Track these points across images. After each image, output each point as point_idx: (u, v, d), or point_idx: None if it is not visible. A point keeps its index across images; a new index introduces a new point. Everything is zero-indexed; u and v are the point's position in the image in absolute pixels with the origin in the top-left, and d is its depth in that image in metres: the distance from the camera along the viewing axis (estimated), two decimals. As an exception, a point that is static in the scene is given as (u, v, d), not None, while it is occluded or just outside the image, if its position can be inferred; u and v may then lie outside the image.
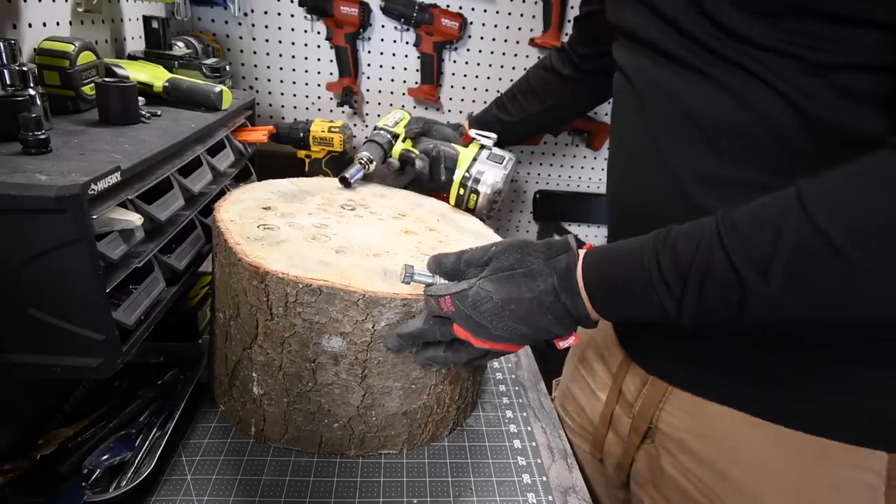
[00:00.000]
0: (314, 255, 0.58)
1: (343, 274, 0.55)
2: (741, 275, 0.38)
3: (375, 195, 0.82)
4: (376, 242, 0.64)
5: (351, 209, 0.74)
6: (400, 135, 0.89)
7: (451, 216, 0.80)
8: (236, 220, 0.63)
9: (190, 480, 0.57)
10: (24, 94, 0.52)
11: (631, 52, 0.54)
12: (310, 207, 0.72)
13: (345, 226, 0.68)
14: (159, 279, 0.59)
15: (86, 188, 0.44)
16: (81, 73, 0.64)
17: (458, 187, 0.83)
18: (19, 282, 0.46)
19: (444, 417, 0.65)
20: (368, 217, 0.73)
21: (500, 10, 1.31)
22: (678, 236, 0.42)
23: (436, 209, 0.81)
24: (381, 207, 0.77)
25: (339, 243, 0.62)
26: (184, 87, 0.76)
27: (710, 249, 0.39)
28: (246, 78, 1.30)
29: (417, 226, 0.73)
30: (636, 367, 0.62)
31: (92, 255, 0.46)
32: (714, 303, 0.40)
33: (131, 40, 0.93)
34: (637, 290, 0.43)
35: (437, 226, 0.74)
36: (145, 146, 0.56)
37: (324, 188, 0.81)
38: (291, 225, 0.65)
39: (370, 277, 0.55)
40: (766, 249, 0.37)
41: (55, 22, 0.72)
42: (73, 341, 0.49)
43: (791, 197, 0.37)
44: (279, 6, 1.25)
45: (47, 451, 0.57)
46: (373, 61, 1.33)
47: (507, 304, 0.46)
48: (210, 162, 0.74)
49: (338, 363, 0.57)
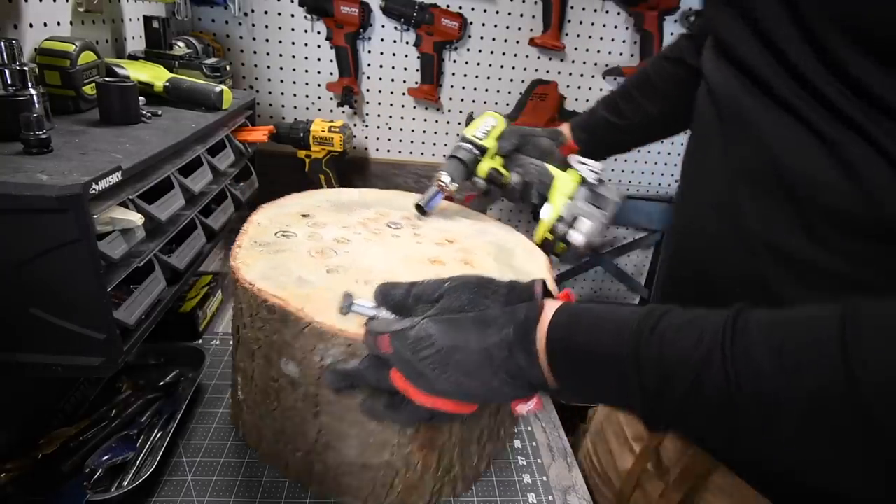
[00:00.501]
0: (301, 270, 0.54)
1: (308, 296, 0.49)
2: (739, 409, 0.29)
3: (438, 215, 0.72)
4: (383, 268, 0.56)
5: (396, 228, 0.66)
6: (489, 150, 0.70)
7: (515, 253, 0.64)
8: (263, 223, 0.62)
9: (191, 481, 0.57)
10: (25, 93, 0.52)
11: (723, 69, 0.44)
12: (351, 220, 0.66)
13: (366, 244, 0.61)
14: (160, 279, 0.59)
15: (87, 188, 0.44)
16: (82, 72, 0.64)
17: (545, 230, 0.66)
18: (20, 281, 0.46)
19: (417, 485, 0.55)
20: (406, 239, 0.64)
21: (500, 10, 1.31)
22: (671, 325, 0.33)
23: (500, 241, 0.67)
24: (433, 230, 0.67)
25: (338, 262, 0.56)
26: (184, 87, 0.76)
27: (706, 359, 0.30)
28: (246, 78, 1.30)
29: (456, 256, 0.61)
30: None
31: (93, 254, 0.46)
32: (697, 425, 0.32)
33: (132, 40, 0.93)
34: (608, 373, 0.35)
35: (482, 261, 0.61)
36: (146, 146, 0.56)
37: (385, 202, 0.73)
38: (311, 236, 0.61)
39: (333, 305, 0.47)
40: (780, 391, 0.28)
41: (56, 22, 0.72)
42: (74, 340, 0.49)
43: (833, 324, 0.27)
44: (279, 6, 1.25)
45: (49, 450, 0.57)
46: (373, 61, 1.33)
47: (452, 352, 0.38)
48: (210, 162, 0.74)
49: (295, 390, 0.52)
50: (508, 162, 0.72)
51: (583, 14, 1.34)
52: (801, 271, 0.38)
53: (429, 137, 1.43)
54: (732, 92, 0.42)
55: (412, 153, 1.44)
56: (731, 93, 0.43)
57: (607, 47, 1.38)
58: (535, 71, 1.38)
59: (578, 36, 1.36)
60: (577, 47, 1.38)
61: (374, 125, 1.40)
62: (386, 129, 1.40)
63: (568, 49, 1.37)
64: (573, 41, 1.37)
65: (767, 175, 0.39)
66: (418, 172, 1.45)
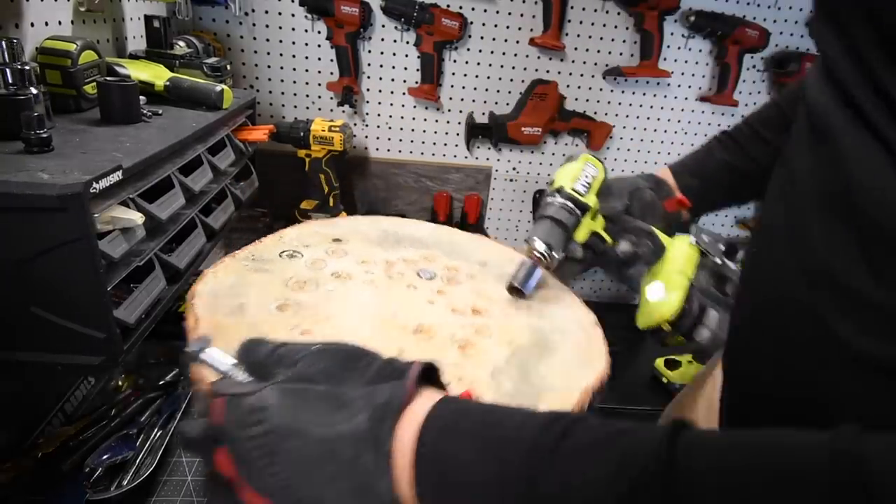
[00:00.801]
0: (255, 298, 0.48)
1: (224, 328, 0.44)
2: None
3: (495, 272, 0.59)
4: (347, 323, 0.47)
5: (427, 278, 0.56)
6: (591, 209, 0.56)
7: (555, 352, 0.49)
8: (288, 237, 0.58)
9: (190, 482, 0.57)
10: (26, 92, 0.52)
11: (822, 86, 0.40)
12: (378, 257, 0.58)
13: (361, 288, 0.53)
14: (160, 278, 0.59)
15: (87, 187, 0.44)
16: (83, 72, 0.64)
17: (662, 321, 0.52)
18: (21, 280, 0.46)
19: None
20: (419, 295, 0.53)
21: (500, 10, 1.31)
22: (580, 445, 0.25)
23: (547, 330, 0.51)
24: (468, 292, 0.55)
25: (304, 300, 0.49)
26: (185, 87, 0.76)
27: (631, 500, 0.22)
28: (246, 77, 1.30)
29: (459, 333, 0.49)
30: None
31: (93, 253, 0.46)
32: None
33: (133, 39, 0.93)
34: (487, 496, 0.26)
35: (489, 351, 0.47)
36: (146, 145, 0.56)
37: (453, 247, 0.62)
38: (312, 264, 0.55)
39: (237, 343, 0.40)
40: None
41: (57, 21, 0.72)
42: (74, 339, 0.49)
43: (822, 463, 0.21)
44: (280, 6, 1.25)
45: (49, 449, 0.57)
46: (373, 61, 1.33)
47: (286, 437, 0.28)
48: (211, 161, 0.74)
49: None
50: (610, 224, 0.58)
51: (583, 14, 1.34)
52: (857, 306, 0.33)
53: (429, 137, 1.43)
54: (826, 109, 0.38)
55: (412, 153, 1.44)
56: (825, 110, 0.38)
57: (607, 47, 1.38)
58: (535, 71, 1.39)
59: (578, 36, 1.36)
60: (577, 47, 1.38)
61: (374, 125, 1.40)
62: (386, 128, 1.40)
63: (568, 49, 1.37)
64: (573, 41, 1.37)
65: (842, 198, 0.35)
66: (418, 172, 1.45)
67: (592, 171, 0.57)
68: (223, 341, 0.39)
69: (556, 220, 0.54)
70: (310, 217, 1.16)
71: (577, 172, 0.57)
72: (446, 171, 1.44)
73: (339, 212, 1.20)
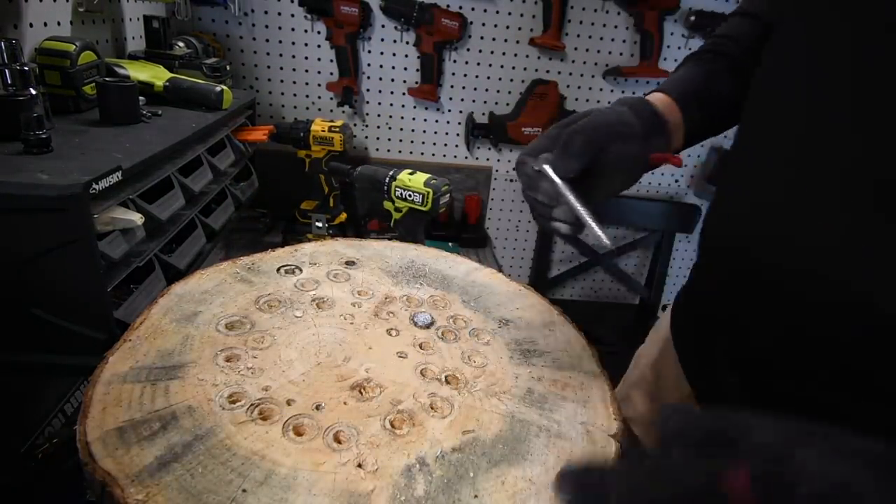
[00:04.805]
0: (211, 310, 0.44)
1: (156, 333, 0.40)
2: None
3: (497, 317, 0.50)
4: (286, 362, 0.40)
5: (421, 325, 0.47)
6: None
7: (522, 452, 0.36)
8: (301, 253, 0.55)
9: (191, 480, 0.57)
10: (25, 93, 0.52)
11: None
12: (380, 289, 0.51)
13: (330, 323, 0.45)
14: (160, 278, 0.59)
15: (87, 187, 0.44)
16: (82, 72, 0.64)
17: None
18: (21, 281, 0.46)
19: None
20: (394, 344, 0.44)
21: (500, 10, 1.31)
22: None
23: (515, 426, 0.38)
24: (457, 350, 0.45)
25: (261, 319, 0.44)
26: (184, 87, 0.76)
27: None
28: (246, 77, 1.30)
29: (406, 406, 0.38)
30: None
31: (93, 254, 0.46)
32: None
33: (132, 40, 0.93)
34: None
35: (428, 427, 0.36)
36: (146, 146, 0.56)
37: (480, 290, 0.54)
38: (302, 286, 0.50)
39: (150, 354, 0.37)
40: None
41: (56, 22, 0.72)
42: (74, 340, 0.49)
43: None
44: (279, 6, 1.25)
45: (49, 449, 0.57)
46: (373, 61, 1.33)
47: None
48: (210, 161, 0.74)
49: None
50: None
51: (583, 14, 1.34)
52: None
53: (429, 137, 1.43)
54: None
55: (412, 153, 1.44)
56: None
57: (607, 47, 1.38)
58: (535, 71, 1.39)
59: (578, 36, 1.36)
60: (577, 47, 1.38)
61: (374, 125, 1.40)
62: (386, 128, 1.40)
63: (568, 49, 1.37)
64: (573, 41, 1.37)
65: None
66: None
67: None
68: (152, 344, 0.39)
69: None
70: (309, 217, 1.16)
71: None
72: (446, 171, 1.44)
73: (340, 212, 1.20)
